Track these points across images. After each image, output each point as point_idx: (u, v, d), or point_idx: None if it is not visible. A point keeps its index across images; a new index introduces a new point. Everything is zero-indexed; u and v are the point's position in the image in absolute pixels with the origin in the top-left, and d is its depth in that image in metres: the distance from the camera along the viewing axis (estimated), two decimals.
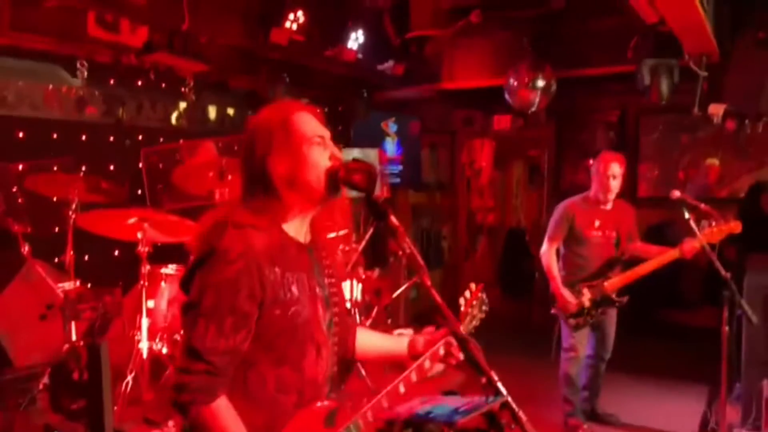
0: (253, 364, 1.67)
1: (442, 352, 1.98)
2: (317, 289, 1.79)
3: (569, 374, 4.45)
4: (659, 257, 4.25)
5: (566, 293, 4.30)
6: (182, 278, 1.71)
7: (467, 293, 2.08)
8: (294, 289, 1.70)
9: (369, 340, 2.10)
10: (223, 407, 1.61)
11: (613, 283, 4.34)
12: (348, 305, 4.94)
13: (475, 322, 2.10)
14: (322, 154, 1.75)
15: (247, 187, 1.76)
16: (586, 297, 4.30)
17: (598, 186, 4.39)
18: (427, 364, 1.96)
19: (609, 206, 4.41)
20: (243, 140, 1.78)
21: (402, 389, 1.92)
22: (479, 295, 2.10)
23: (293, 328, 1.69)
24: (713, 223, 3.93)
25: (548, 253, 4.42)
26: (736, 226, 3.96)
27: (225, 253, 1.60)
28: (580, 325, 4.35)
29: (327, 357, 1.80)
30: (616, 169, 4.33)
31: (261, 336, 1.66)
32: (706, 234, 3.90)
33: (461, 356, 1.87)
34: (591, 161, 4.60)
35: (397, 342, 2.10)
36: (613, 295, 4.35)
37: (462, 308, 2.06)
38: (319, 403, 1.77)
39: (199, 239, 1.68)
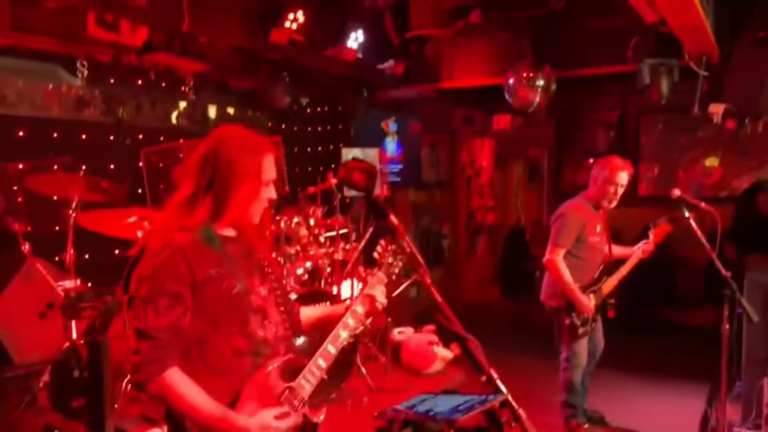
0: (206, 341, 1.88)
1: (375, 293, 2.16)
2: (250, 268, 2.00)
3: (573, 381, 4.35)
4: (631, 260, 4.36)
5: (585, 300, 4.18)
6: (122, 281, 1.93)
7: (379, 248, 2.22)
8: (224, 268, 1.91)
9: (310, 311, 2.31)
10: (175, 374, 1.81)
11: (608, 285, 4.35)
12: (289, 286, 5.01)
13: (395, 270, 2.23)
14: (268, 194, 2.01)
15: (192, 192, 1.94)
16: (593, 303, 4.25)
17: (601, 192, 4.28)
18: (359, 309, 2.13)
19: (600, 210, 4.37)
20: (206, 150, 1.95)
21: (343, 335, 2.08)
22: (389, 247, 2.22)
23: (230, 300, 1.90)
24: (658, 224, 4.33)
25: (559, 260, 4.20)
26: (667, 228, 4.30)
27: (152, 249, 1.86)
28: (587, 332, 4.29)
29: (274, 320, 2.01)
30: (625, 179, 4.25)
31: (203, 313, 1.87)
32: (654, 234, 4.32)
33: (383, 301, 2.14)
34: (592, 160, 4.55)
35: (336, 307, 2.30)
36: (607, 297, 4.36)
37: (378, 258, 2.23)
38: (274, 362, 1.94)
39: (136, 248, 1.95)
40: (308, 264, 5.20)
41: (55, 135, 5.08)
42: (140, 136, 5.62)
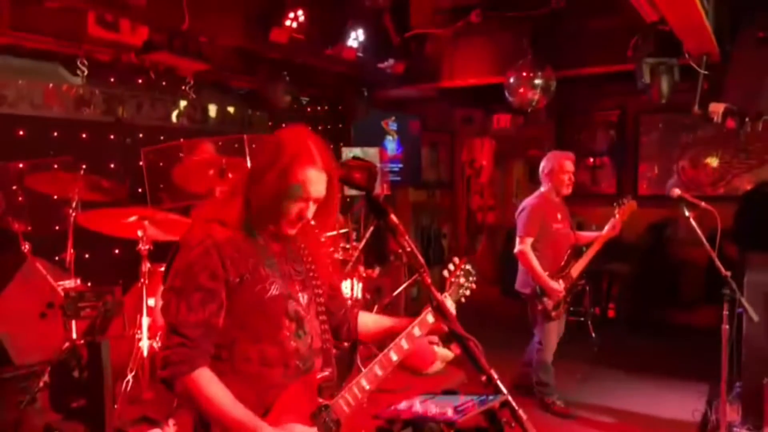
0: (234, 342, 1.82)
1: (430, 320, 2.07)
2: (292, 271, 1.93)
3: (545, 361, 4.68)
4: (599, 240, 4.72)
5: (554, 285, 4.50)
6: (165, 271, 1.89)
7: (451, 266, 2.15)
8: (261, 270, 1.84)
9: (370, 320, 2.25)
10: (204, 376, 1.74)
11: (576, 268, 4.69)
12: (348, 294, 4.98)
13: (464, 291, 2.17)
14: (297, 210, 1.85)
15: (233, 187, 1.92)
16: (563, 286, 4.56)
17: (556, 184, 4.69)
18: (416, 331, 2.04)
19: (559, 200, 4.78)
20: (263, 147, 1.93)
21: (394, 357, 2.03)
22: (463, 266, 2.17)
23: (261, 304, 1.82)
24: (623, 202, 4.73)
25: (528, 249, 4.58)
26: (632, 206, 4.74)
27: (188, 242, 1.81)
28: (560, 314, 4.62)
29: (312, 330, 1.93)
30: (571, 166, 4.74)
31: (233, 314, 1.81)
32: (619, 212, 4.69)
33: (446, 326, 1.95)
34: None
35: (397, 320, 2.20)
36: (577, 280, 4.72)
37: (447, 278, 2.14)
38: (309, 376, 1.88)
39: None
40: None
41: (55, 134, 5.07)
42: (140, 136, 5.61)
